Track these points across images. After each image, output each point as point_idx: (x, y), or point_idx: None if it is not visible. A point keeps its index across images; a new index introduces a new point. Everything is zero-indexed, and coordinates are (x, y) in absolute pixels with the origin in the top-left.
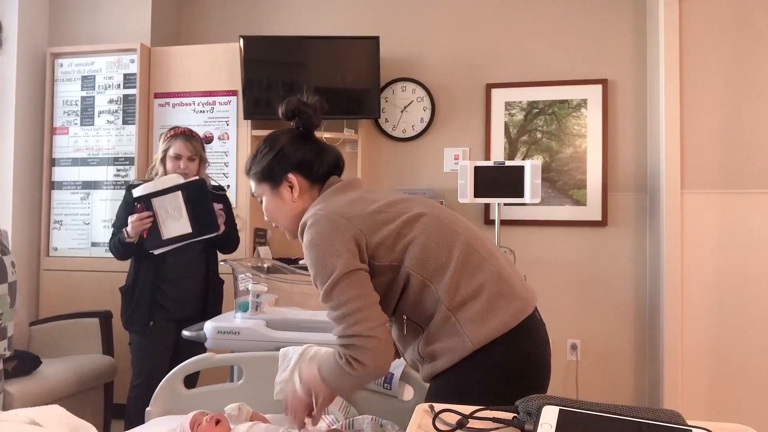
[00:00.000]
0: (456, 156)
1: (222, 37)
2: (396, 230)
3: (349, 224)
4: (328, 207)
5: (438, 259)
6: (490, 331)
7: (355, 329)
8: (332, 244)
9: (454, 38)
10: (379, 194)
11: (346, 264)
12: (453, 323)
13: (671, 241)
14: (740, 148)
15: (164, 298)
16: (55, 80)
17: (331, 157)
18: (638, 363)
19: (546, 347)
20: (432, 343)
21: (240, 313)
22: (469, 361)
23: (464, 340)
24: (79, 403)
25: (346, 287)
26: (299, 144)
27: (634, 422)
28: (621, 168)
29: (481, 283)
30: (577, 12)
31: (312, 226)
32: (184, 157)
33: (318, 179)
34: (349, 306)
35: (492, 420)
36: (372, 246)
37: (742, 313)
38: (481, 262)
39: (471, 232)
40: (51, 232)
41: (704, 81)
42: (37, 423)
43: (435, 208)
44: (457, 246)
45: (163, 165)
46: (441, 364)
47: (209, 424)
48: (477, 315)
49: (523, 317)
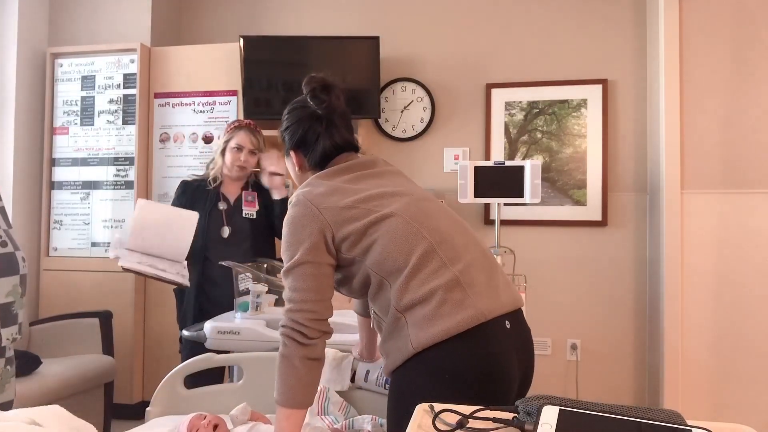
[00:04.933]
0: (456, 156)
1: (222, 37)
2: (362, 228)
3: (320, 215)
4: (309, 192)
5: (395, 262)
6: (430, 336)
7: (298, 316)
8: (301, 230)
9: (454, 38)
10: (366, 184)
11: (306, 253)
12: (402, 324)
13: (671, 241)
14: (740, 148)
15: (207, 301)
16: (55, 80)
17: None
18: (638, 363)
19: (503, 358)
20: (386, 340)
21: (240, 313)
22: (412, 362)
23: (407, 342)
24: (79, 403)
25: (301, 276)
26: (308, 125)
27: (634, 422)
28: (621, 168)
29: (432, 289)
30: (577, 12)
31: (293, 207)
32: (246, 149)
33: (315, 165)
34: (300, 294)
35: (492, 420)
36: (338, 239)
37: (742, 313)
38: (440, 267)
39: (441, 235)
40: (51, 232)
41: (704, 81)
42: (37, 423)
43: (410, 208)
44: (416, 251)
45: (222, 156)
46: (390, 362)
47: (207, 429)
48: (422, 319)
49: (471, 325)
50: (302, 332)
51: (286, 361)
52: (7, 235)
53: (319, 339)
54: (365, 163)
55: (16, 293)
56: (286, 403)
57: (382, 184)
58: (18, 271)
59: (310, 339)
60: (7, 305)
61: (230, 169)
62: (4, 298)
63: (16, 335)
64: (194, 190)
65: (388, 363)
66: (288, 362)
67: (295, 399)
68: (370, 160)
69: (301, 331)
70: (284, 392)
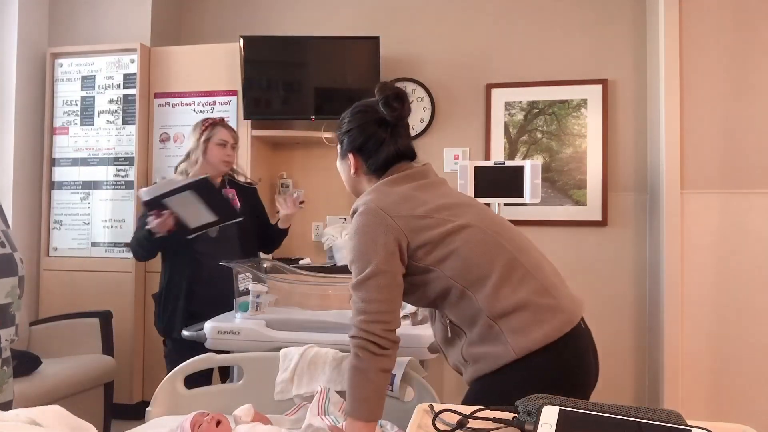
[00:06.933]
0: (456, 156)
1: (222, 37)
2: (438, 237)
3: (395, 224)
4: (380, 200)
5: (479, 271)
6: (532, 342)
7: (372, 327)
8: (375, 240)
9: (454, 38)
10: (430, 193)
11: (381, 263)
12: (497, 331)
13: (671, 241)
14: (740, 148)
15: (198, 302)
16: (55, 80)
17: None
18: (638, 363)
19: (587, 357)
20: (476, 347)
21: (240, 313)
22: (510, 368)
23: (507, 348)
24: (79, 403)
25: (375, 287)
26: (372, 130)
27: (634, 422)
28: (621, 168)
29: (525, 296)
30: (577, 12)
31: (361, 215)
32: (229, 144)
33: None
34: (374, 305)
35: (492, 420)
36: (413, 247)
37: (742, 313)
38: (525, 275)
39: (517, 244)
40: (51, 232)
41: (704, 81)
42: (37, 423)
43: (483, 218)
44: (499, 260)
45: (204, 155)
46: (484, 367)
47: (210, 425)
48: (521, 326)
49: (567, 329)
50: (377, 343)
51: (360, 374)
52: (5, 236)
53: (392, 350)
54: (423, 173)
55: (14, 294)
56: (362, 417)
57: (443, 194)
58: (17, 273)
59: (384, 350)
60: (4, 306)
61: (216, 165)
62: (2, 300)
63: (13, 336)
64: None
65: (477, 369)
66: (362, 375)
67: (372, 412)
68: (425, 169)
69: (376, 342)
70: (359, 406)
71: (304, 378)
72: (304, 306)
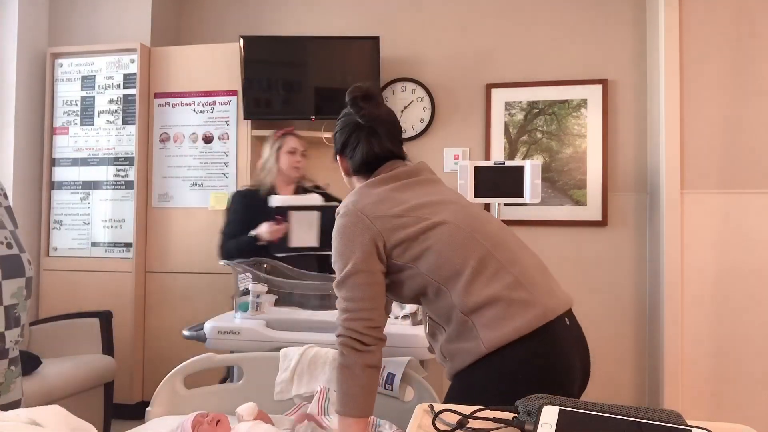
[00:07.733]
0: (456, 156)
1: (222, 37)
2: (414, 235)
3: (372, 225)
4: (359, 202)
5: (452, 267)
6: (503, 336)
7: (354, 324)
8: (352, 240)
9: (454, 38)
10: (413, 192)
11: (359, 262)
12: (470, 326)
13: (671, 241)
14: (740, 148)
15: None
16: (55, 80)
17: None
18: (638, 363)
19: (567, 352)
20: (451, 343)
21: (240, 313)
22: (482, 363)
23: (478, 343)
24: (79, 403)
25: (355, 285)
26: (351, 131)
27: (634, 422)
28: (621, 168)
29: (497, 291)
30: (577, 12)
31: (341, 217)
32: (299, 151)
33: (357, 171)
34: (356, 304)
35: (492, 420)
36: (389, 246)
37: (742, 313)
38: (499, 270)
39: (494, 240)
40: (51, 232)
41: (704, 81)
42: (37, 423)
43: (460, 215)
44: (473, 255)
45: (277, 162)
46: (458, 363)
47: (210, 425)
48: (492, 320)
49: (540, 324)
50: (360, 340)
51: (346, 371)
52: (13, 237)
53: (376, 346)
54: (410, 172)
55: (20, 296)
56: (350, 413)
57: (427, 192)
58: (24, 274)
59: (367, 346)
60: (10, 308)
61: (288, 171)
62: (8, 301)
63: (19, 337)
64: (252, 200)
65: (454, 365)
66: (348, 371)
67: (359, 407)
68: (415, 168)
69: (359, 339)
70: (347, 402)
71: (304, 378)
72: (304, 306)
